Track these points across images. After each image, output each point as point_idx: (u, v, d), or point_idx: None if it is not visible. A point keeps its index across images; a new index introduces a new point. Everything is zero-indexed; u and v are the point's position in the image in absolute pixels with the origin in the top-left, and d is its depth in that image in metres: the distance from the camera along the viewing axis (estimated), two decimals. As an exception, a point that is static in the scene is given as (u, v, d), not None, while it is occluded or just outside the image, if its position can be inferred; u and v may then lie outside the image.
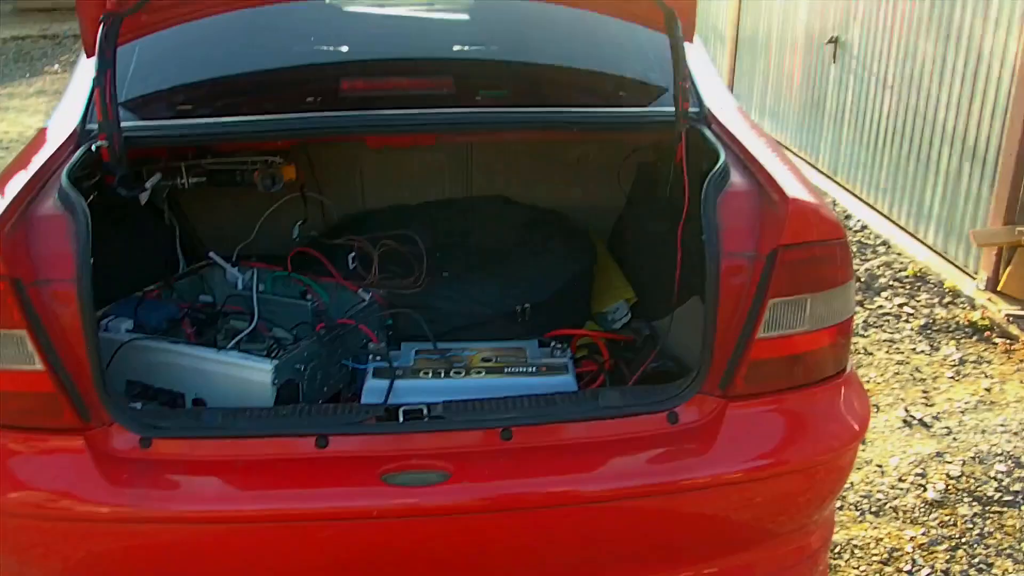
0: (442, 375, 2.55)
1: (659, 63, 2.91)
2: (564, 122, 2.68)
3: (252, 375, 2.41)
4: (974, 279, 5.41)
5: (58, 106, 2.81)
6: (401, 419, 2.23)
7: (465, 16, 3.41)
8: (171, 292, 2.91)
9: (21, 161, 2.47)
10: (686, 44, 2.57)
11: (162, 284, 2.91)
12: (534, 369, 2.58)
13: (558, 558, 2.33)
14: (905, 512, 3.57)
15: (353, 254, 3.05)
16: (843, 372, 2.44)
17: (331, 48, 3.14)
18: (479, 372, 2.57)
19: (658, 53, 2.94)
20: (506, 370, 2.58)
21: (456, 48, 3.14)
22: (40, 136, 2.65)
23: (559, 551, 2.32)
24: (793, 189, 2.26)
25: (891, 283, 5.69)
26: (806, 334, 2.29)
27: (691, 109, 2.67)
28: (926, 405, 4.33)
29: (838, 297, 2.32)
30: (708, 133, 2.57)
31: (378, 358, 2.60)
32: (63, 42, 14.58)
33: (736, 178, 2.35)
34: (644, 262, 3.26)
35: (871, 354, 4.83)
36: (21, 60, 13.59)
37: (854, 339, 4.70)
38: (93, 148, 2.46)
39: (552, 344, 2.72)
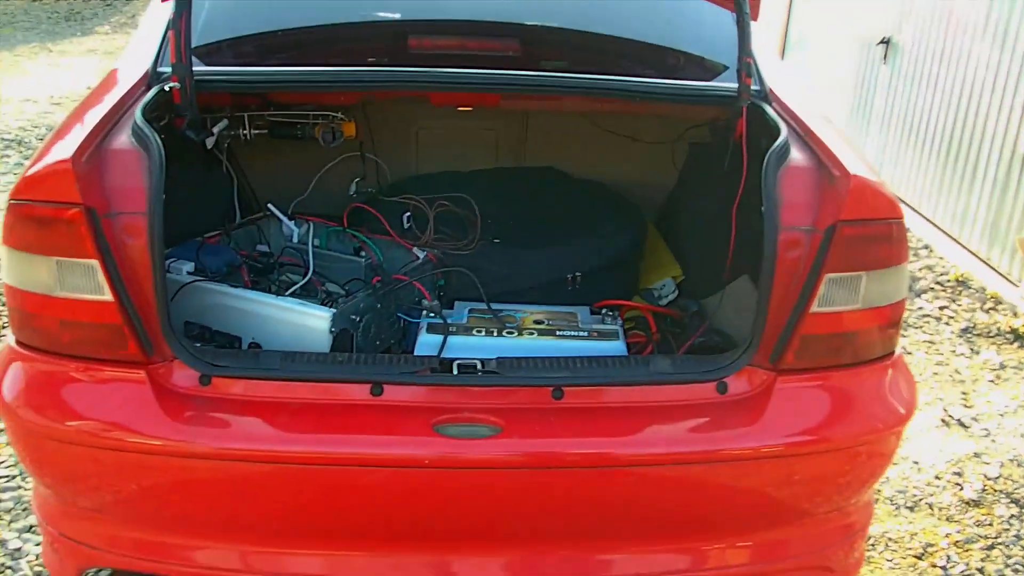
0: (495, 334, 2.58)
1: (721, 41, 2.93)
2: (628, 90, 2.69)
3: (310, 321, 2.44)
4: (1016, 286, 5.38)
5: (128, 48, 2.86)
6: (455, 372, 2.26)
7: None
8: (229, 240, 2.95)
9: (94, 99, 2.51)
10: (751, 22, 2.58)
11: (221, 232, 2.95)
12: (585, 334, 2.60)
13: (599, 518, 2.35)
14: (941, 509, 3.57)
15: (408, 213, 3.08)
16: (891, 355, 2.45)
17: (399, 5, 3.15)
18: (531, 333, 2.60)
19: (720, 32, 2.96)
20: (558, 333, 2.60)
21: (522, 13, 3.14)
22: (111, 77, 2.69)
23: (601, 512, 2.34)
24: (854, 166, 2.27)
25: (932, 286, 5.67)
26: (859, 312, 2.30)
27: (752, 87, 2.68)
28: (964, 406, 4.32)
29: (892, 277, 2.33)
30: (769, 110, 2.58)
31: (432, 314, 2.63)
32: (113, 3, 14.74)
33: (797, 154, 2.35)
34: (693, 241, 3.28)
35: (910, 353, 4.82)
36: (72, 19, 13.75)
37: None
38: (166, 88, 2.50)
39: (603, 311, 2.75)
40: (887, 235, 2.30)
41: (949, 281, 5.71)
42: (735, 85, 2.64)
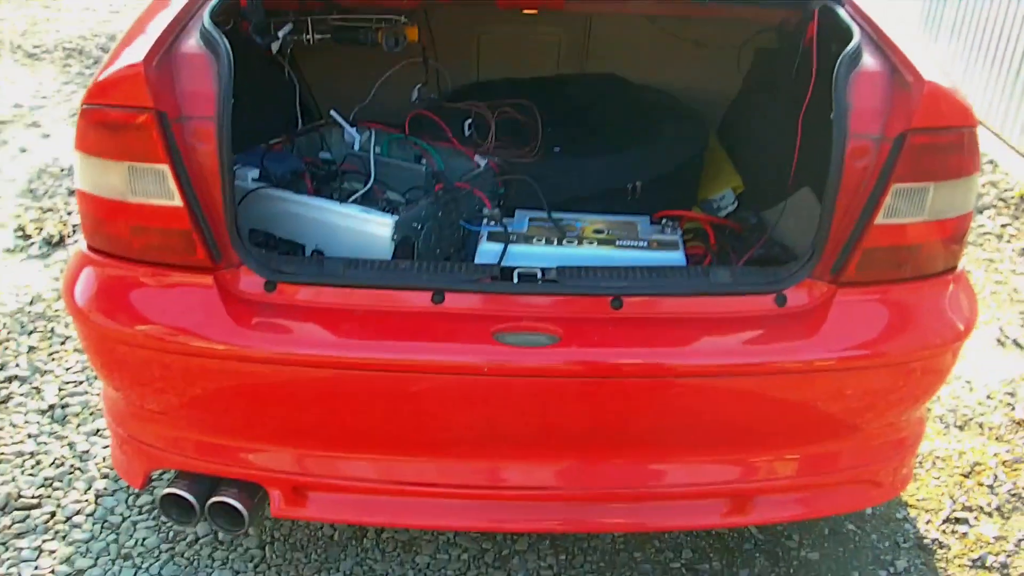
0: (555, 243, 2.59)
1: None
2: None
3: (373, 228, 2.47)
4: (1084, 203, 5.26)
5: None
6: (516, 280, 2.28)
7: None
8: (292, 147, 2.97)
9: (161, 3, 2.50)
10: None
11: (284, 138, 2.97)
12: (645, 243, 2.60)
13: (653, 428, 2.38)
14: (991, 429, 3.56)
15: (470, 120, 3.08)
16: (954, 270, 2.43)
17: None
18: (591, 242, 2.60)
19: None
20: (618, 242, 2.60)
21: None
22: (177, -19, 2.69)
23: (655, 421, 2.37)
24: (929, 72, 2.21)
25: (995, 203, 5.55)
26: (924, 224, 2.27)
27: None
28: (1022, 326, 4.26)
29: (961, 188, 2.28)
30: (841, 12, 2.51)
31: (492, 222, 2.64)
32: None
33: (869, 58, 2.29)
34: (755, 151, 3.24)
35: (968, 272, 4.74)
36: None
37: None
38: None
39: (663, 221, 2.74)
40: (959, 144, 2.24)
41: (1013, 198, 5.58)
42: None
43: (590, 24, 3.62)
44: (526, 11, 3.29)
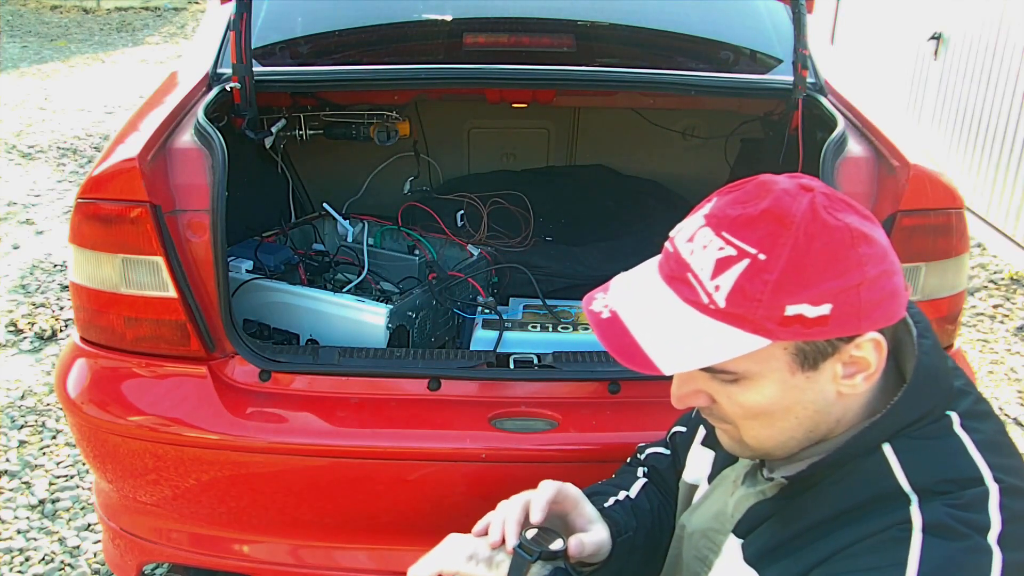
0: (550, 329, 2.59)
1: (775, 34, 2.93)
2: (684, 84, 2.68)
3: (367, 317, 2.46)
4: (1074, 283, 5.29)
5: (188, 51, 2.91)
6: (512, 366, 2.27)
7: None
8: (285, 239, 2.99)
9: (156, 100, 2.55)
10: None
11: (278, 231, 2.99)
12: (641, 329, 2.59)
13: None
14: (998, 507, 3.51)
15: (462, 212, 3.11)
16: (950, 348, 2.42)
17: (453, 4, 3.19)
18: (586, 328, 2.59)
19: (774, 25, 2.95)
20: (613, 328, 2.59)
21: (574, 10, 3.16)
22: (171, 79, 2.74)
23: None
24: (914, 156, 2.25)
25: (986, 284, 5.59)
26: (918, 304, 2.27)
27: (808, 79, 2.66)
28: (1021, 405, 4.25)
29: (952, 268, 2.30)
30: (825, 102, 2.56)
31: (487, 310, 2.64)
32: (163, 15, 14.98)
33: (854, 145, 2.34)
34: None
35: (964, 351, 4.74)
36: (123, 30, 13.99)
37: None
38: (227, 88, 2.54)
39: (658, 307, 2.73)
40: (948, 225, 2.27)
41: (1003, 279, 5.62)
42: (790, 78, 2.62)
43: (578, 116, 3.68)
44: (515, 105, 3.34)
